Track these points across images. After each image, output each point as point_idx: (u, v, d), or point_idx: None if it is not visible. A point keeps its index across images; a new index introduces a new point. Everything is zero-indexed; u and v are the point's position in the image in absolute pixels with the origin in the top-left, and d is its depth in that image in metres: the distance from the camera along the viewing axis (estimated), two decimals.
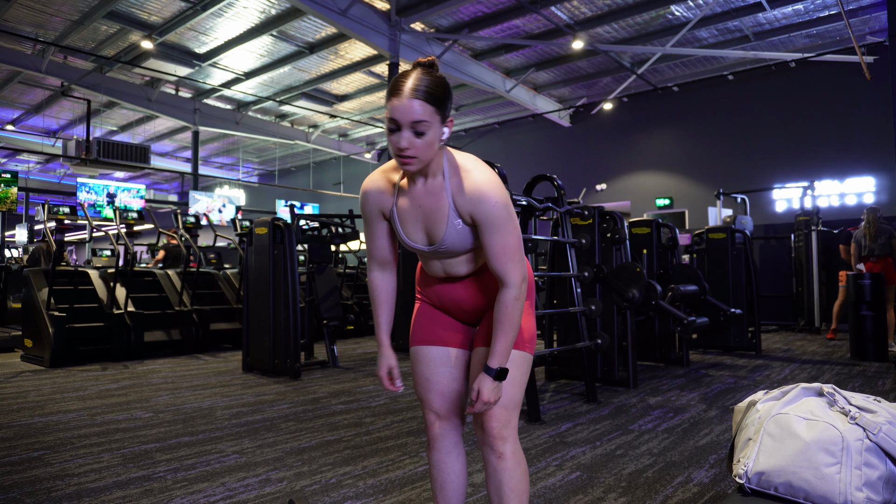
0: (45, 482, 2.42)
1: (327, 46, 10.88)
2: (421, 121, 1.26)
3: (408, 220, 1.44)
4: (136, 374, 5.17)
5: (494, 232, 1.34)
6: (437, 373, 1.55)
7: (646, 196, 12.75)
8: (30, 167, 19.30)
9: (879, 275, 5.68)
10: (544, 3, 9.28)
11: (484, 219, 1.34)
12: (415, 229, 1.44)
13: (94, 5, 9.23)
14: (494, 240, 1.35)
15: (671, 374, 5.05)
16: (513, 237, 1.36)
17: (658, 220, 5.79)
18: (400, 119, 1.26)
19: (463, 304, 1.55)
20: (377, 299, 1.57)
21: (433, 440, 1.56)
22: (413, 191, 1.41)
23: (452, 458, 1.56)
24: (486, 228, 1.34)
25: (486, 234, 1.35)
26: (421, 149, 1.28)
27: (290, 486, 2.38)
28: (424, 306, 1.62)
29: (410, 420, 3.48)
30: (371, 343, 7.55)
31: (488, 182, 1.35)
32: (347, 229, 6.33)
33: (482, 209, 1.34)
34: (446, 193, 1.37)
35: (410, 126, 1.26)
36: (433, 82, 1.27)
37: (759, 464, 1.56)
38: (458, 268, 1.49)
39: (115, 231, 7.23)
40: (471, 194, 1.34)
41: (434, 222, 1.40)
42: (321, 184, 19.03)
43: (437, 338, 1.57)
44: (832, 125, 10.53)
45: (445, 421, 1.56)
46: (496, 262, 1.36)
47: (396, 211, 1.45)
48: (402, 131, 1.27)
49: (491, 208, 1.33)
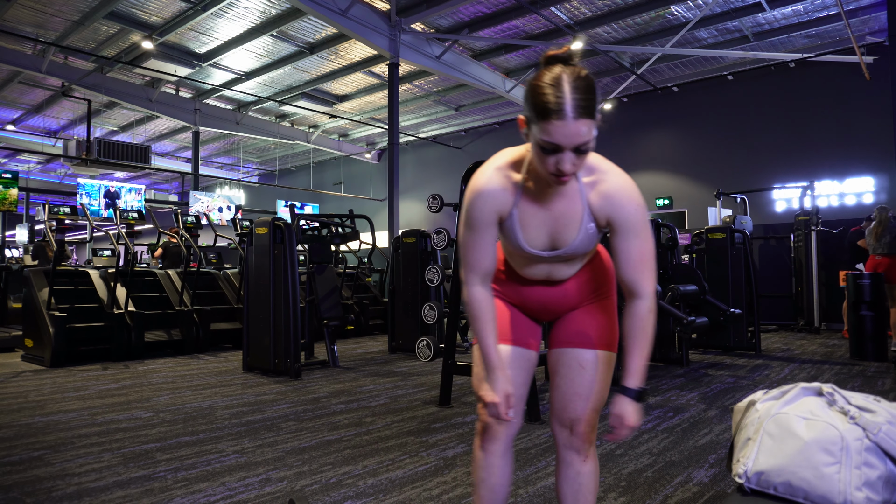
0: (45, 482, 2.42)
1: (327, 46, 10.89)
2: (586, 141, 1.13)
3: (531, 224, 1.32)
4: (137, 373, 5.17)
5: (634, 237, 1.26)
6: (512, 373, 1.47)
7: (646, 196, 12.68)
8: (30, 167, 19.30)
9: (879, 275, 5.68)
10: (544, 4, 9.29)
11: (624, 223, 1.26)
12: (538, 234, 1.33)
13: (95, 5, 9.23)
14: (633, 246, 1.27)
15: (671, 373, 5.05)
16: (649, 243, 1.28)
17: (658, 220, 5.79)
18: (564, 143, 1.12)
19: (550, 306, 1.49)
20: (483, 317, 1.38)
21: (488, 441, 1.48)
22: (542, 193, 1.29)
23: (504, 462, 1.49)
24: (626, 233, 1.26)
25: (624, 240, 1.27)
26: (580, 165, 1.17)
27: (291, 485, 2.38)
28: (499, 303, 1.53)
29: (410, 420, 3.48)
30: (370, 343, 7.55)
31: (628, 184, 1.27)
32: (347, 229, 6.33)
33: (623, 213, 1.25)
34: (581, 196, 1.28)
35: (575, 146, 1.13)
36: (587, 87, 1.12)
37: (758, 463, 1.56)
38: (565, 271, 1.42)
39: (115, 231, 7.23)
40: (610, 197, 1.26)
41: (564, 226, 1.30)
42: (321, 184, 19.03)
43: (516, 338, 1.51)
44: (832, 125, 10.54)
45: (507, 425, 1.47)
46: (632, 270, 1.27)
47: (518, 214, 1.31)
48: (565, 153, 1.14)
49: (633, 212, 1.26)
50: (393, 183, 10.23)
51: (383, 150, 18.07)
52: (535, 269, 1.43)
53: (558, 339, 1.50)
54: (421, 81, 12.67)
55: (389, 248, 7.34)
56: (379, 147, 18.09)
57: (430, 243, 6.48)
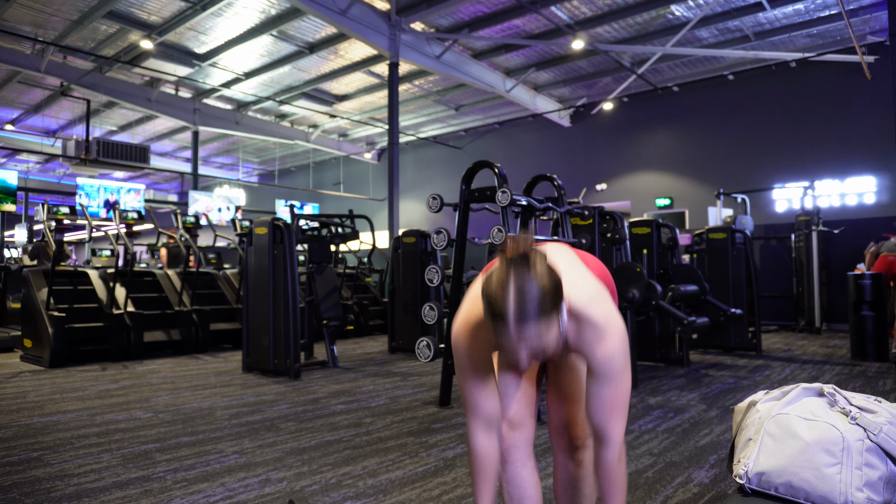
0: (44, 482, 2.41)
1: (327, 46, 10.88)
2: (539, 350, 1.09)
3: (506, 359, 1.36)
4: (136, 374, 5.17)
5: (607, 384, 1.22)
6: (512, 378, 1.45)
7: (646, 196, 12.74)
8: (29, 167, 19.30)
9: (880, 275, 5.67)
10: (544, 3, 9.28)
11: (597, 369, 1.22)
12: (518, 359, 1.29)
13: (94, 5, 9.22)
14: (604, 392, 1.22)
15: (671, 374, 5.04)
16: (623, 389, 1.23)
17: (658, 220, 5.78)
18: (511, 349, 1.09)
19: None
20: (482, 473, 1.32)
21: (506, 452, 1.39)
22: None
23: (528, 471, 1.40)
24: (598, 379, 1.22)
25: (595, 385, 1.22)
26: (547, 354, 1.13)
27: (290, 486, 2.38)
28: None
29: (410, 420, 3.48)
30: (370, 343, 7.55)
31: (608, 332, 1.21)
32: (347, 229, 6.32)
33: (598, 361, 1.22)
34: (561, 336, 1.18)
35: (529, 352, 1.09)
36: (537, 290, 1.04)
37: (759, 464, 1.55)
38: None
39: (114, 231, 7.23)
40: (588, 344, 1.22)
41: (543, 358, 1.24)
42: (321, 184, 19.03)
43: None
44: (832, 125, 10.53)
45: (519, 430, 1.41)
46: (600, 414, 1.23)
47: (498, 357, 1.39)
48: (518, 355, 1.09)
49: (608, 360, 1.21)
50: (393, 183, 10.23)
51: (383, 149, 18.06)
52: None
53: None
54: (421, 81, 12.67)
55: (389, 248, 7.33)
56: (379, 147, 18.08)
57: (430, 243, 6.47)
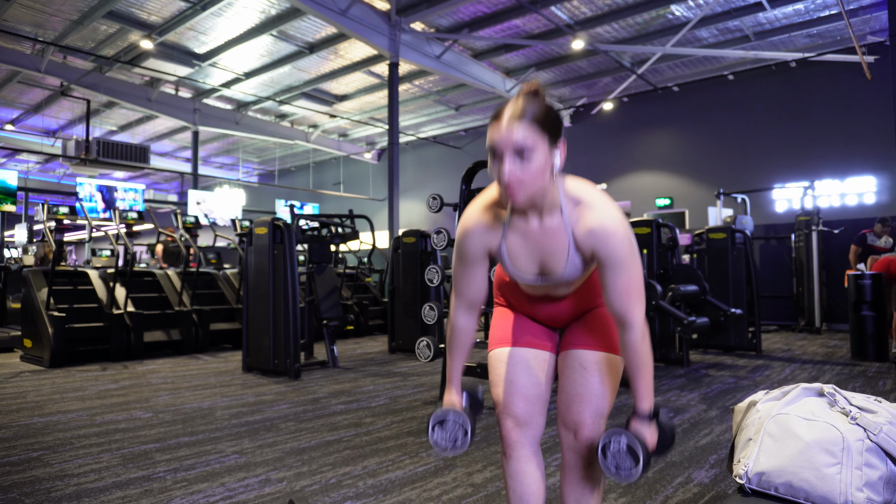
0: (44, 482, 2.41)
1: (327, 46, 10.88)
2: (522, 143, 1.15)
3: (519, 255, 1.35)
4: (136, 374, 5.17)
5: (620, 270, 1.26)
6: (522, 375, 1.46)
7: (646, 196, 12.75)
8: (29, 167, 19.30)
9: (880, 275, 5.67)
10: (544, 3, 9.28)
11: (608, 257, 1.25)
12: (527, 264, 1.35)
13: (94, 5, 9.23)
14: (619, 278, 1.26)
15: (671, 374, 5.04)
16: (636, 273, 1.28)
17: (658, 220, 5.78)
18: (500, 145, 1.16)
19: (557, 315, 1.51)
20: (457, 345, 1.47)
21: (510, 448, 1.44)
22: (527, 227, 1.31)
23: (532, 468, 1.44)
24: (611, 267, 1.26)
25: (609, 273, 1.26)
26: (527, 177, 1.17)
27: (290, 486, 2.38)
28: (505, 310, 1.56)
29: (410, 420, 3.48)
30: (370, 343, 7.55)
31: (613, 218, 1.25)
32: (347, 229, 6.32)
33: (607, 249, 1.24)
34: (566, 232, 1.28)
35: (513, 152, 1.16)
36: (537, 105, 1.17)
37: (759, 464, 1.56)
38: (561, 290, 1.44)
39: (114, 231, 7.23)
40: (594, 232, 1.25)
41: (550, 258, 1.32)
42: (321, 184, 19.03)
43: (525, 340, 1.50)
44: (832, 125, 10.53)
45: (525, 428, 1.44)
46: (619, 301, 1.27)
47: (506, 248, 1.35)
48: (505, 157, 1.16)
49: (617, 246, 1.24)
50: (393, 183, 10.23)
51: (383, 149, 18.06)
52: (533, 289, 1.46)
53: (564, 342, 1.51)
54: (421, 81, 12.67)
55: (389, 248, 7.33)
56: (379, 147, 18.08)
57: (429, 243, 6.47)
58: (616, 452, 1.26)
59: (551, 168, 1.20)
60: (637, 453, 1.24)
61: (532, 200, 1.23)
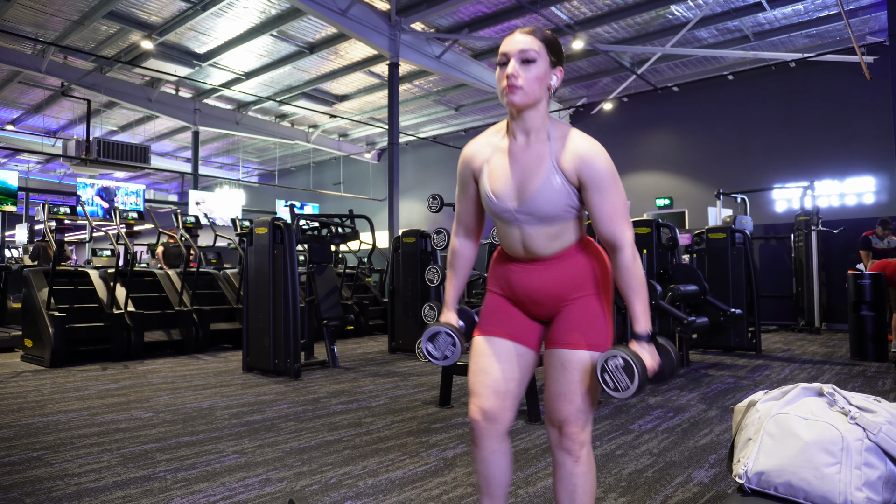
0: (45, 482, 2.42)
1: (327, 46, 10.89)
2: (529, 50, 1.32)
3: (499, 175, 1.42)
4: (136, 374, 5.17)
5: (605, 192, 1.35)
6: (496, 367, 1.48)
7: (646, 196, 12.75)
8: (30, 167, 19.30)
9: (879, 275, 5.67)
10: (544, 3, 9.29)
11: (592, 179, 1.34)
12: (504, 185, 1.41)
13: (94, 5, 9.23)
14: (605, 200, 1.35)
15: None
16: (621, 198, 1.37)
17: (658, 220, 5.78)
18: (509, 50, 1.33)
19: (536, 294, 1.49)
20: (455, 267, 1.60)
21: (479, 438, 1.49)
22: (513, 146, 1.41)
23: (499, 456, 1.51)
24: (596, 189, 1.35)
25: (595, 195, 1.35)
26: (527, 80, 1.32)
27: (290, 486, 2.38)
28: (495, 297, 1.57)
29: (410, 420, 3.48)
30: (370, 343, 7.55)
31: (596, 145, 1.36)
32: (347, 229, 6.32)
33: (591, 170, 1.34)
34: (549, 150, 1.37)
35: (519, 56, 1.32)
36: (544, 30, 1.37)
37: (758, 464, 1.56)
38: (540, 242, 1.44)
39: (115, 231, 7.23)
40: (579, 154, 1.34)
41: (529, 177, 1.38)
42: (321, 184, 19.03)
43: (505, 330, 1.51)
44: (832, 125, 10.54)
45: (492, 422, 1.47)
46: (607, 224, 1.36)
47: (488, 167, 1.44)
48: (510, 62, 1.33)
49: (601, 168, 1.34)
50: (393, 183, 10.23)
51: (383, 150, 18.07)
52: (512, 238, 1.47)
53: (548, 339, 1.51)
54: (421, 81, 12.67)
55: (389, 248, 7.33)
56: (379, 147, 18.09)
57: (430, 243, 6.48)
58: (613, 370, 1.31)
59: (549, 86, 1.36)
60: (633, 370, 1.28)
61: (526, 106, 1.35)
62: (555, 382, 1.45)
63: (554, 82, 1.37)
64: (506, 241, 1.50)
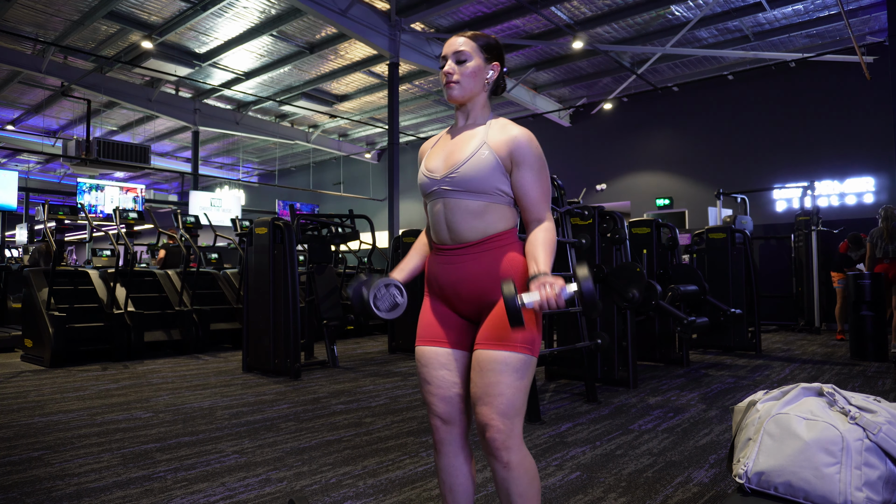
0: (45, 482, 2.42)
1: (327, 46, 10.88)
2: (463, 50, 1.48)
3: (436, 153, 1.55)
4: (136, 374, 5.17)
5: (536, 173, 1.44)
6: (436, 376, 1.51)
7: (646, 196, 12.75)
8: (30, 167, 19.30)
9: (879, 275, 5.67)
10: (544, 3, 9.28)
11: (524, 157, 1.43)
12: (437, 159, 1.52)
13: (94, 5, 9.23)
14: (534, 180, 1.44)
15: (671, 373, 5.05)
16: (546, 181, 1.47)
17: (658, 220, 5.78)
18: (446, 52, 1.50)
19: (459, 286, 1.48)
20: (417, 248, 1.68)
21: (439, 444, 1.54)
22: (452, 130, 1.56)
23: (460, 462, 1.54)
24: (525, 167, 1.44)
25: (525, 173, 1.44)
26: (463, 76, 1.48)
27: (290, 486, 2.38)
28: (427, 302, 1.59)
29: (410, 420, 3.48)
30: (371, 343, 7.55)
31: (529, 133, 1.47)
32: (347, 229, 6.32)
33: (522, 149, 1.43)
34: (484, 130, 1.49)
35: (454, 56, 1.48)
36: (477, 33, 1.53)
37: (758, 464, 1.56)
38: (462, 218, 1.44)
39: (115, 231, 7.23)
40: (515, 137, 1.44)
41: (460, 150, 1.48)
42: (321, 184, 19.03)
43: (436, 337, 1.53)
44: (832, 125, 10.54)
45: (450, 426, 1.52)
46: (534, 203, 1.45)
47: (430, 152, 1.57)
48: (448, 61, 1.49)
49: (533, 149, 1.44)
50: (393, 183, 10.23)
51: (383, 150, 18.06)
52: (436, 216, 1.50)
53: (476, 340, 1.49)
54: (421, 81, 12.67)
55: (389, 248, 7.34)
56: (379, 147, 18.09)
57: None
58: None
59: (486, 80, 1.51)
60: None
61: (464, 98, 1.50)
62: (475, 385, 1.43)
63: (491, 76, 1.51)
64: (433, 223, 1.53)
